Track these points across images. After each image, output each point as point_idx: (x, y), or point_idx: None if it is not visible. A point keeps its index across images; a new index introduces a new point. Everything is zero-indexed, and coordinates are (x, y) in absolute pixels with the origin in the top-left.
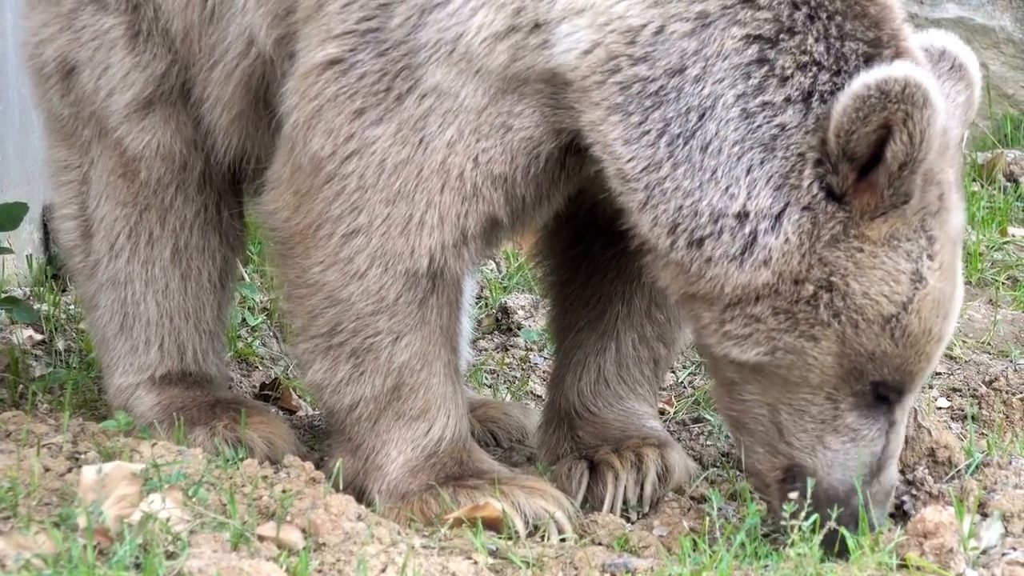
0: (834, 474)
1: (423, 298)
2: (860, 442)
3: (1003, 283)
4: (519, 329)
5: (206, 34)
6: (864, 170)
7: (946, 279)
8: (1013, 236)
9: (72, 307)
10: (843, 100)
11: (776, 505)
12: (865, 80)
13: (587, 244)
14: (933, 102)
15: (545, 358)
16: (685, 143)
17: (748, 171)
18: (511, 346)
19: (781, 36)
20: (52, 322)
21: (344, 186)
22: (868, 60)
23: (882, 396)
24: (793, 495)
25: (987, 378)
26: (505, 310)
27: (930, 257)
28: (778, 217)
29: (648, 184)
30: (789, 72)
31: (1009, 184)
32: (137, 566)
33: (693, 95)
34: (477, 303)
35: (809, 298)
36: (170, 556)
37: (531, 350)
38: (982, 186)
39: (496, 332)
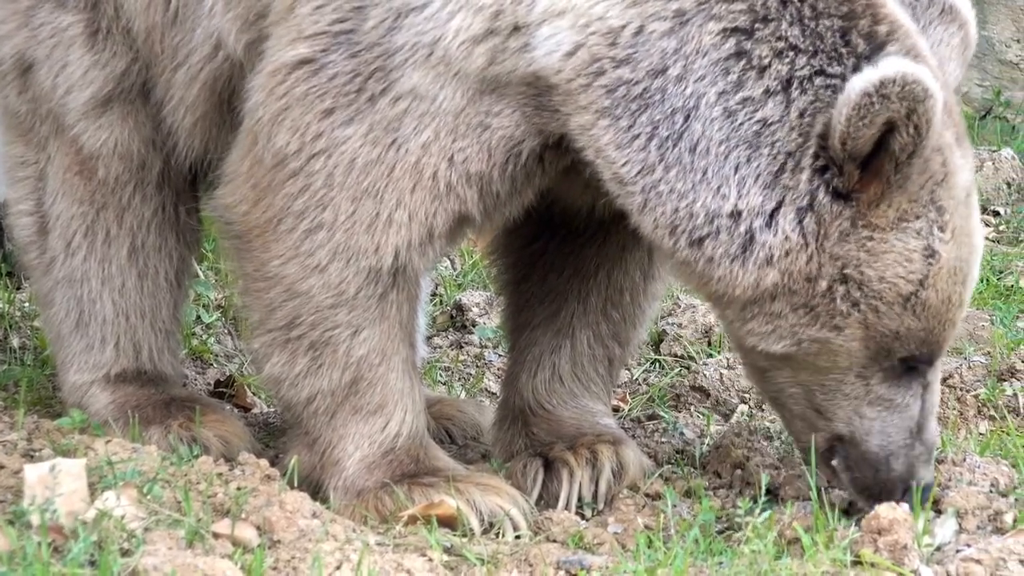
0: (872, 440)
1: (383, 293)
2: (895, 410)
3: None
4: (474, 326)
5: (169, 35)
6: (865, 161)
7: (960, 244)
8: None
9: (27, 305)
10: (843, 110)
11: (823, 473)
12: (862, 88)
13: (543, 242)
14: (932, 91)
15: (500, 355)
16: (674, 145)
17: (736, 169)
18: (466, 343)
19: (756, 25)
20: (7, 319)
21: (310, 183)
22: (844, 34)
23: (913, 367)
24: (836, 464)
25: (941, 375)
26: (460, 307)
27: (940, 229)
28: (772, 215)
29: (644, 187)
30: (767, 61)
31: None
32: (92, 563)
33: (677, 95)
34: (432, 300)
35: (825, 292)
36: (125, 553)
37: (486, 347)
38: None
39: (451, 329)
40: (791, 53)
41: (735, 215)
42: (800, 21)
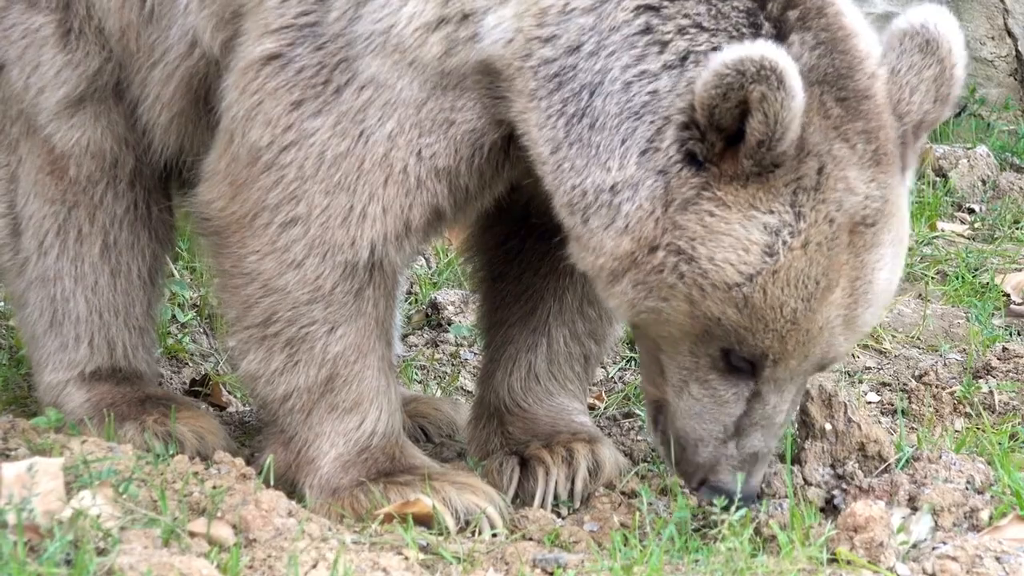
0: (688, 421)
1: (360, 288)
2: (715, 400)
3: (932, 278)
4: (449, 325)
5: (145, 33)
6: (733, 138)
7: (814, 262)
8: (942, 231)
9: (1, 304)
10: (704, 75)
11: (649, 427)
12: (724, 58)
13: (520, 240)
14: (788, 85)
15: (475, 353)
16: (579, 121)
17: (623, 142)
18: (441, 342)
19: (664, 3)
20: None
21: (282, 176)
22: (751, 15)
23: (734, 365)
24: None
25: (917, 372)
26: (435, 306)
27: (792, 234)
28: (637, 185)
29: (554, 165)
30: (669, 37)
31: (938, 179)
32: (68, 562)
33: (586, 71)
34: (407, 299)
35: (658, 265)
36: (101, 553)
37: (461, 346)
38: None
39: (426, 328)
40: (693, 30)
41: (614, 188)
42: (708, 0)
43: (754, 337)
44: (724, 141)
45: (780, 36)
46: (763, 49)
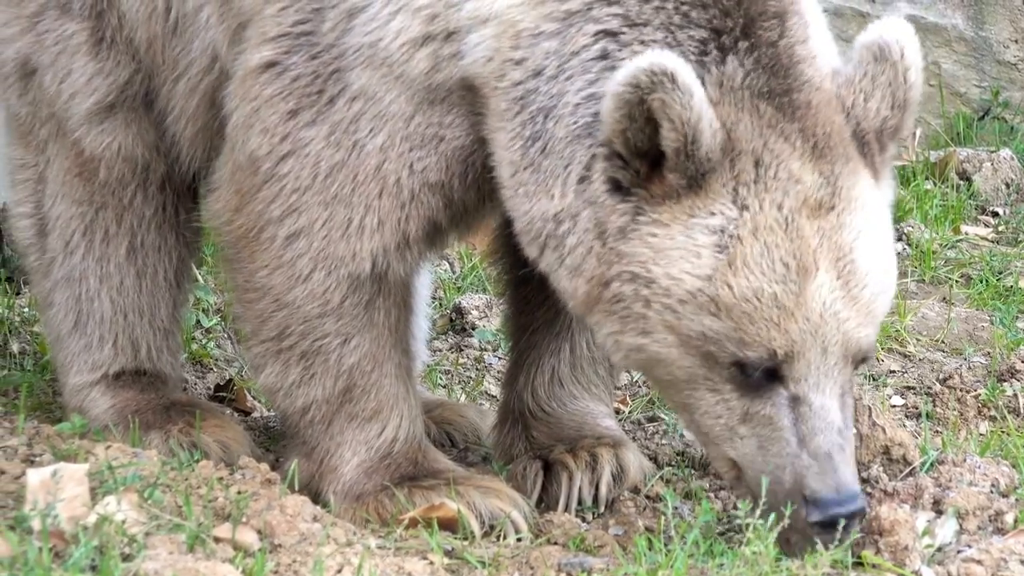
0: (755, 463)
1: (369, 300)
2: (762, 424)
3: (957, 281)
4: (473, 329)
5: (170, 46)
6: (656, 160)
7: (771, 244)
8: (966, 234)
9: (26, 310)
10: (605, 103)
11: (740, 495)
12: (617, 79)
13: None
14: (682, 82)
15: (499, 358)
16: (532, 145)
17: (565, 167)
18: (465, 346)
19: (624, 29)
20: (6, 325)
21: (282, 187)
22: (703, 44)
23: (753, 376)
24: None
25: (941, 376)
26: (459, 310)
27: (738, 225)
28: (576, 216)
29: (512, 189)
30: (622, 63)
31: (962, 182)
32: (93, 568)
33: (544, 94)
34: (431, 303)
35: (618, 296)
36: (126, 558)
37: (485, 350)
38: (935, 184)
39: (450, 332)
40: None
41: (557, 218)
42: (667, 27)
43: (748, 335)
44: (648, 164)
45: (719, 63)
46: (651, 57)
